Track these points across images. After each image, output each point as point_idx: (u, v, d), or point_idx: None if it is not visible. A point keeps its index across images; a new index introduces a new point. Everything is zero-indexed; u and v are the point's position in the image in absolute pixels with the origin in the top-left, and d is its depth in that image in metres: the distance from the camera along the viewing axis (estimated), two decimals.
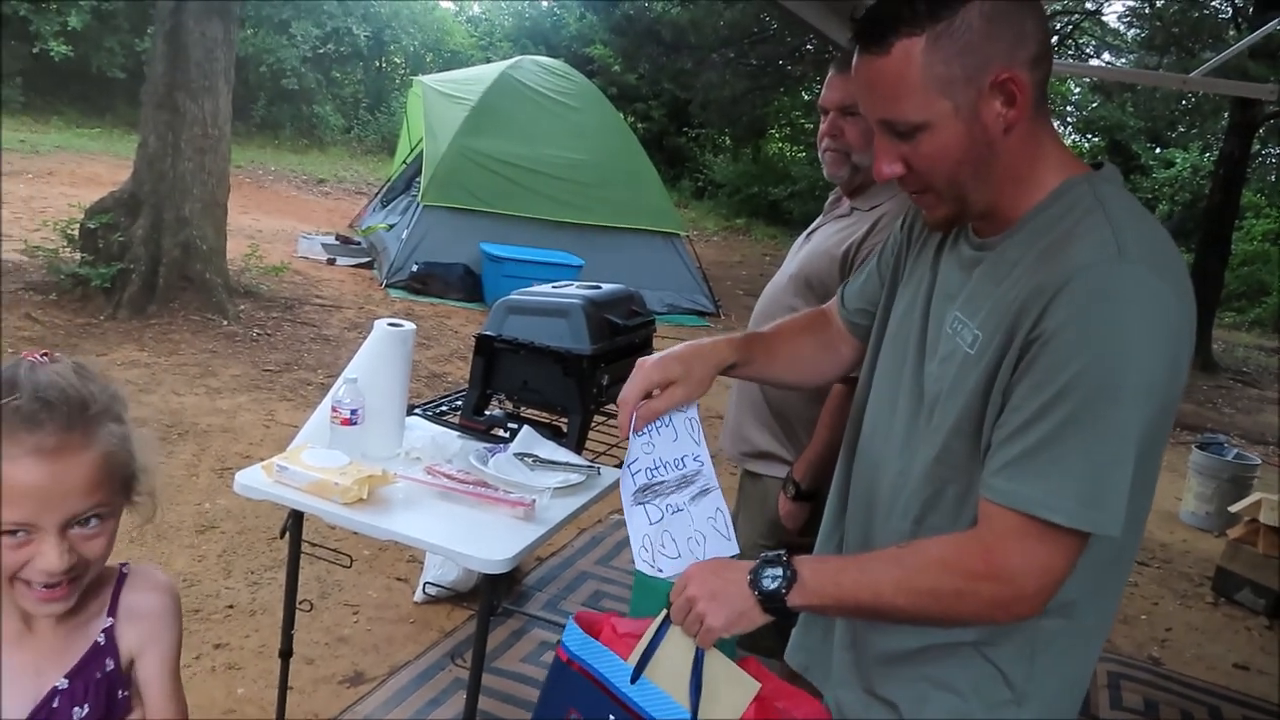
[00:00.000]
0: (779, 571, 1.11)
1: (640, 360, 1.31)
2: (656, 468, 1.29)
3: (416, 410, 2.38)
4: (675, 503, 1.28)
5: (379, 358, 2.07)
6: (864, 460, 1.29)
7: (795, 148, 18.83)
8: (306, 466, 1.86)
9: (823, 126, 2.09)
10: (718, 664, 1.15)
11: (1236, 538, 4.24)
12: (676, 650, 1.16)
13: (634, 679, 1.17)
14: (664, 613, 1.17)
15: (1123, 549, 1.12)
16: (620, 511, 1.28)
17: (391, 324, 2.10)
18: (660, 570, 1.23)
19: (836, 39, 4.07)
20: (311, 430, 2.12)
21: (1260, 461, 5.32)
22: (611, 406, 2.62)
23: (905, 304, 1.27)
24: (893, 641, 1.19)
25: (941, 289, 1.20)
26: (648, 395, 1.28)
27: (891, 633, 1.19)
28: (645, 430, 1.30)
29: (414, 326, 2.12)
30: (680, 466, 1.30)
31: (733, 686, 1.14)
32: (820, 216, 2.25)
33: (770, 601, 1.11)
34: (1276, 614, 4.03)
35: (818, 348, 1.45)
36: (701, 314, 8.48)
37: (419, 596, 3.09)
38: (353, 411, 1.95)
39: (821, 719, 1.14)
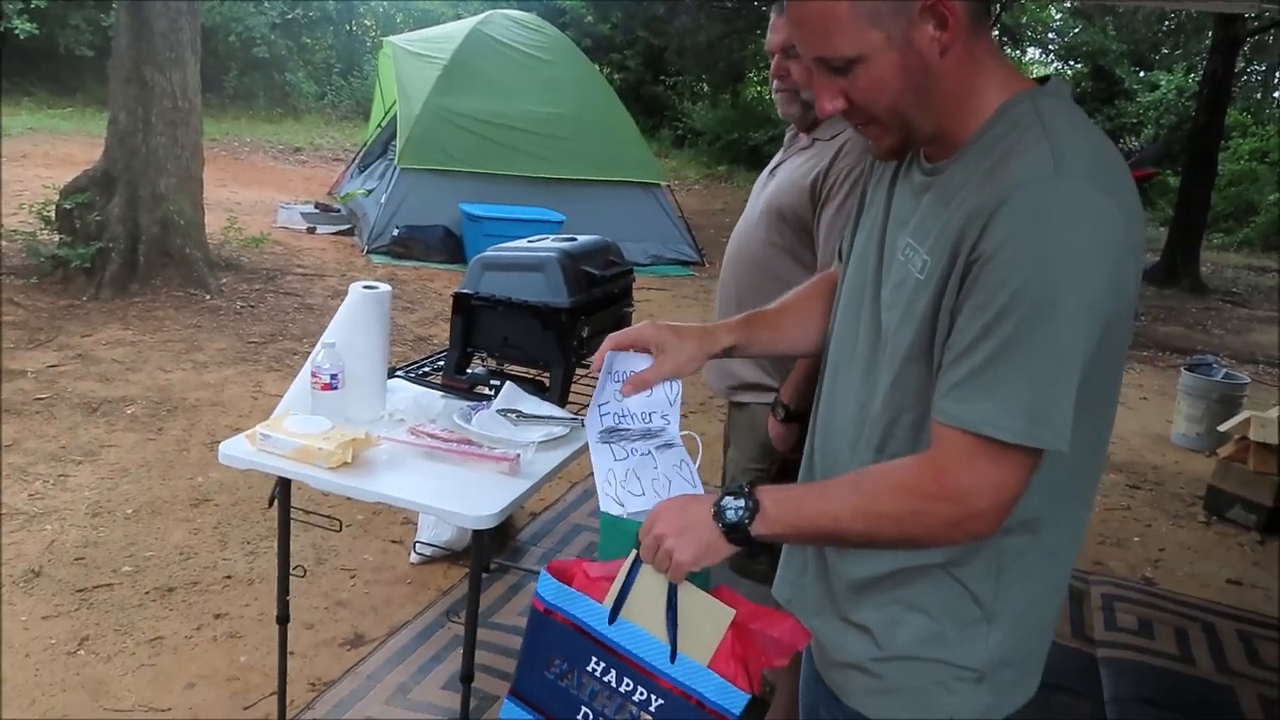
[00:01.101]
0: (741, 504, 1.13)
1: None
2: (624, 415, 1.29)
3: (399, 372, 2.37)
4: (640, 448, 1.29)
5: (356, 321, 2.05)
6: (829, 393, 1.30)
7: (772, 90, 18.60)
8: (290, 434, 1.86)
9: (774, 68, 2.11)
10: (691, 596, 1.17)
11: (1227, 456, 4.27)
12: (650, 588, 1.18)
13: (611, 620, 1.19)
14: (634, 552, 1.18)
15: (1080, 466, 1.13)
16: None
17: (367, 287, 2.08)
18: (624, 507, 1.25)
19: None
20: (294, 398, 2.12)
21: (1249, 380, 5.35)
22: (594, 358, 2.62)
23: (864, 234, 1.28)
24: (862, 568, 1.20)
25: (895, 216, 1.20)
26: (632, 350, 1.32)
27: (861, 559, 1.20)
28: (619, 374, 1.30)
29: (390, 288, 2.10)
30: (646, 420, 1.31)
31: (708, 616, 1.16)
32: (780, 153, 2.26)
33: (734, 532, 1.13)
34: (1268, 529, 4.07)
35: (828, 311, 1.43)
36: (686, 263, 8.45)
37: (414, 558, 3.11)
38: (332, 376, 1.95)
39: (796, 634, 1.16)
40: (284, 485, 2.01)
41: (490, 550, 3.08)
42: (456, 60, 8.30)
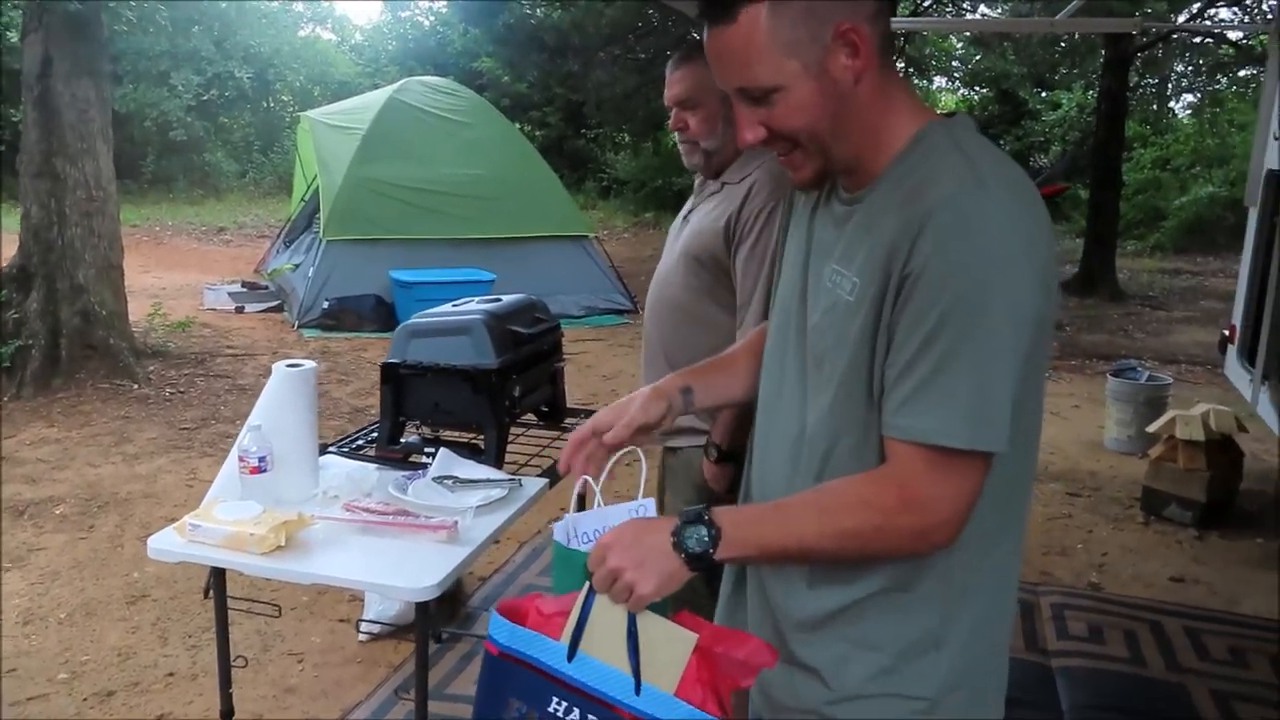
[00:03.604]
0: (702, 531, 1.11)
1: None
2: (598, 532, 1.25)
3: (331, 448, 2.34)
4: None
5: (282, 400, 2.03)
6: (764, 428, 1.31)
7: None
8: (219, 521, 1.82)
9: (670, 123, 2.18)
10: (651, 623, 1.13)
11: (1158, 457, 4.38)
12: (608, 619, 1.14)
13: (570, 656, 1.15)
14: (588, 585, 1.15)
15: (1016, 478, 1.15)
16: (557, 521, 1.25)
17: (291, 365, 2.06)
18: (579, 535, 1.22)
19: None
20: (224, 484, 2.08)
21: (1172, 380, 5.51)
22: (529, 416, 2.61)
23: (787, 270, 1.30)
24: (809, 607, 1.20)
25: (818, 248, 1.23)
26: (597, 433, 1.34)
27: (804, 599, 1.21)
28: (584, 536, 1.24)
29: (314, 365, 2.08)
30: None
31: (670, 643, 1.13)
32: (692, 199, 2.31)
33: (697, 561, 1.12)
34: (1204, 524, 4.18)
35: None
36: (620, 311, 8.50)
37: (363, 636, 3.04)
38: (260, 459, 1.91)
39: (762, 653, 1.13)
40: (218, 575, 1.97)
41: (438, 620, 3.02)
42: (375, 129, 8.33)
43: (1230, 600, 3.55)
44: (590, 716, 1.14)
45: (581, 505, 1.25)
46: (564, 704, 1.15)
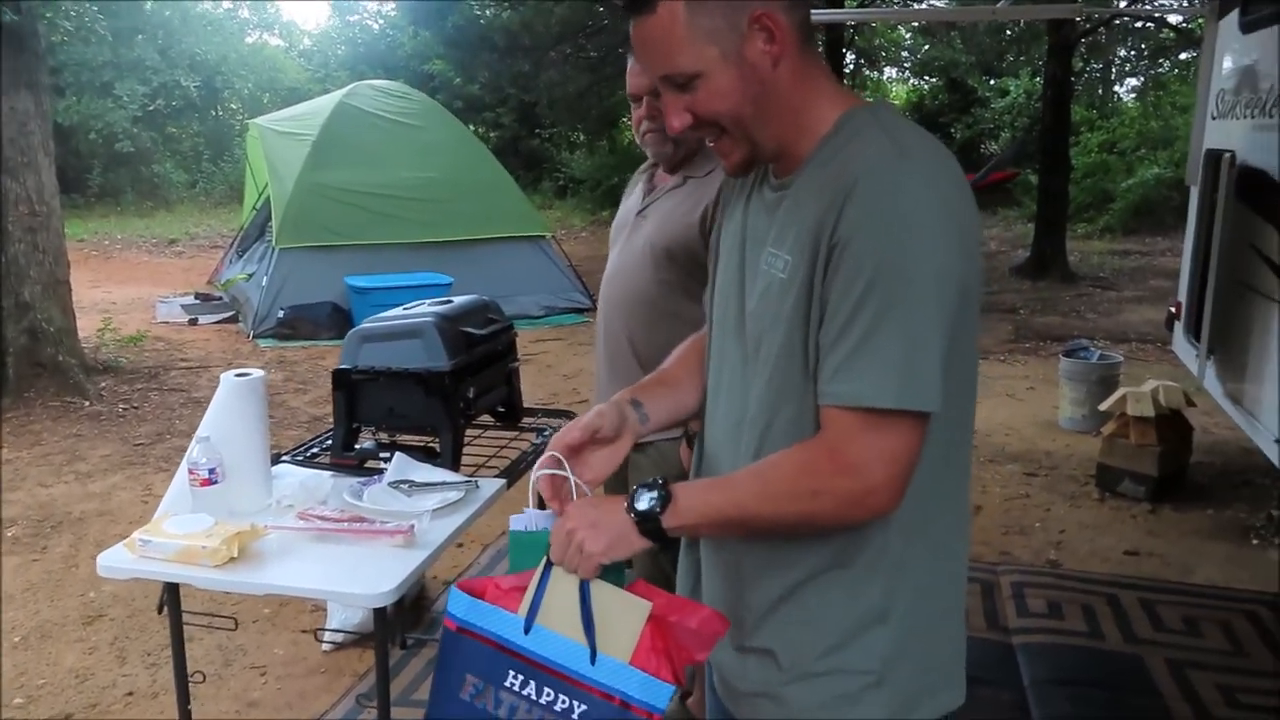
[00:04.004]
0: (654, 494, 1.14)
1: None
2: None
3: (284, 457, 2.32)
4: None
5: (231, 411, 2.00)
6: (710, 416, 1.33)
7: None
8: (170, 536, 1.79)
9: (638, 113, 2.18)
10: (605, 593, 1.15)
11: (1110, 433, 4.46)
12: (564, 591, 1.16)
13: (527, 629, 1.16)
14: (545, 559, 1.16)
15: (951, 440, 1.17)
16: (516, 515, 1.26)
17: (240, 374, 2.03)
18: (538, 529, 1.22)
19: None
20: (174, 498, 2.05)
21: (1123, 359, 5.61)
22: (486, 418, 2.60)
23: (723, 261, 1.32)
24: (755, 595, 1.22)
25: (752, 237, 1.25)
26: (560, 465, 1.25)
27: (751, 587, 1.22)
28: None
29: (264, 373, 2.06)
30: None
31: (625, 612, 1.15)
32: (641, 197, 2.30)
33: (646, 521, 1.14)
34: (1156, 498, 4.26)
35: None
36: (579, 310, 8.48)
37: (326, 646, 3.02)
38: (210, 471, 1.89)
39: (715, 622, 1.15)
40: (172, 590, 1.94)
41: (402, 626, 3.00)
42: (325, 135, 8.24)
43: (1183, 571, 3.63)
44: (546, 689, 1.15)
45: (541, 504, 1.25)
46: (520, 677, 1.16)
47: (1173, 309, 4.74)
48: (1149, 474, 4.29)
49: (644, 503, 1.14)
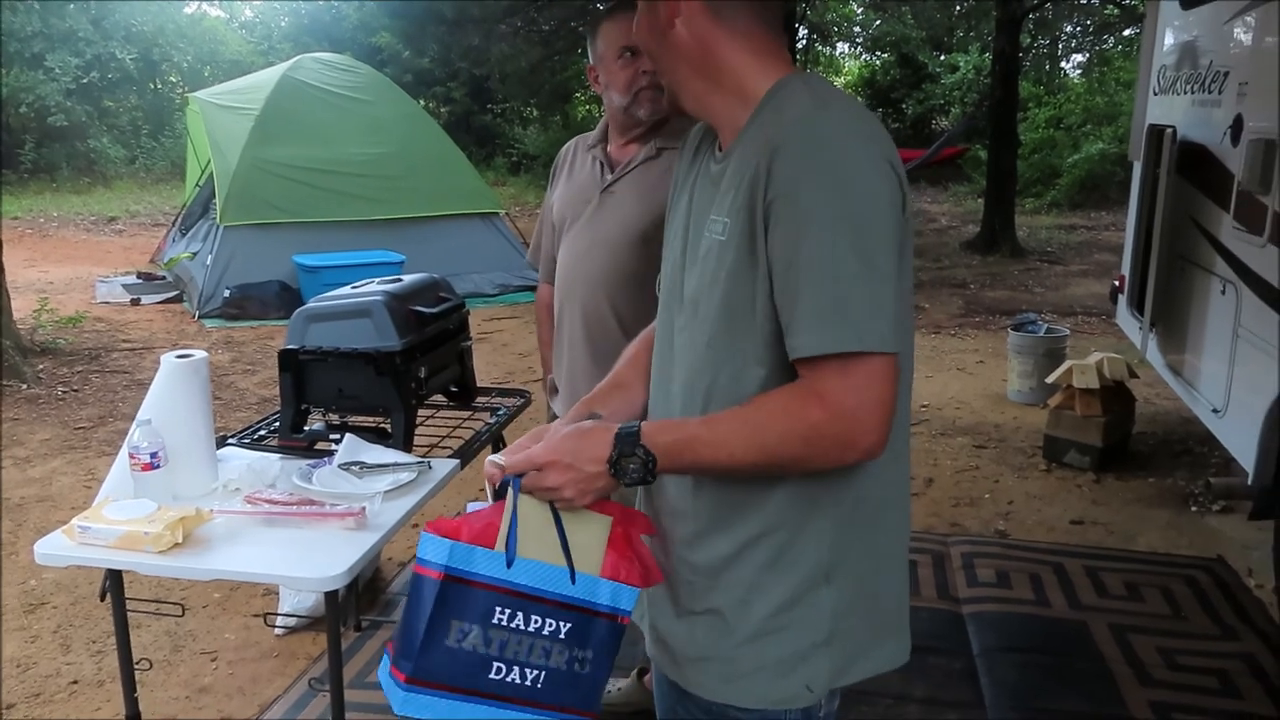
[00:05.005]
0: (638, 464, 1.14)
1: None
2: None
3: (231, 440, 2.27)
4: None
5: (172, 393, 1.95)
6: (655, 386, 1.34)
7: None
8: (110, 521, 1.75)
9: (629, 71, 2.09)
10: (572, 513, 1.20)
11: (1057, 405, 4.54)
12: (534, 518, 1.19)
13: (509, 563, 1.18)
14: (511, 492, 1.17)
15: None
16: (476, 501, 1.26)
17: (181, 355, 1.98)
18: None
19: None
20: (115, 483, 2.00)
21: (1069, 332, 5.71)
22: (438, 398, 2.57)
23: (670, 239, 1.34)
24: (701, 556, 1.23)
25: (697, 209, 1.28)
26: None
27: (696, 549, 1.24)
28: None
29: (206, 354, 2.01)
30: None
31: (589, 528, 1.20)
32: (597, 174, 2.24)
33: (632, 482, 1.16)
34: (1101, 468, 4.36)
35: None
36: (534, 288, 8.41)
37: (279, 630, 2.98)
38: (152, 455, 1.85)
39: (645, 525, 1.24)
40: (115, 577, 1.90)
41: (354, 609, 2.97)
42: (270, 109, 8.06)
43: (1126, 538, 3.72)
44: (534, 616, 1.18)
45: (498, 498, 1.24)
46: (508, 611, 1.18)
47: (1116, 283, 4.83)
48: (1094, 444, 4.38)
49: (635, 475, 1.14)
